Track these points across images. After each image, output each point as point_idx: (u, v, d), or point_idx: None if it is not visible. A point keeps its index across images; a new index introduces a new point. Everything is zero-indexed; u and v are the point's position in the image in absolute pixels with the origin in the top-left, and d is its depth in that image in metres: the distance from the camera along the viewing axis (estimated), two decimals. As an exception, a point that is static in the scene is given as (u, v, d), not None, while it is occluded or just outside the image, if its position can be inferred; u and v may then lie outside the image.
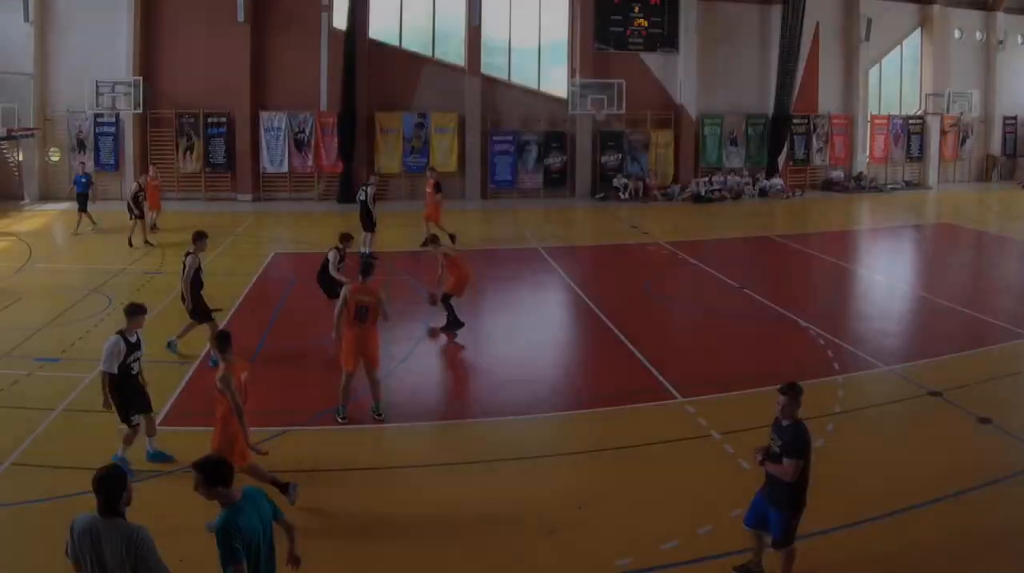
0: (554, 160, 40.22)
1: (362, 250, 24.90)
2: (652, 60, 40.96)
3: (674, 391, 14.51)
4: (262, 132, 38.12)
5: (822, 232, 32.54)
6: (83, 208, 29.50)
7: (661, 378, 15.22)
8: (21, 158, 37.12)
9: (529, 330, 19.12)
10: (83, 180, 30.01)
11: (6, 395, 14.11)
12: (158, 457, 11.80)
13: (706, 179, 40.55)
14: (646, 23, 40.69)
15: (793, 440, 8.45)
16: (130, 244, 26.78)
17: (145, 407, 11.85)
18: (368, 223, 26.04)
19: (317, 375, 15.52)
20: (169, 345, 16.61)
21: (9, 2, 36.18)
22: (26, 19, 36.37)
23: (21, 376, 14.99)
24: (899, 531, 10.11)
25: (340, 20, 37.90)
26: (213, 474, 6.60)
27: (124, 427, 11.64)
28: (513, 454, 12.32)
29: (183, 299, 16.44)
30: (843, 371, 15.69)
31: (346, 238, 19.38)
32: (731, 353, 17.21)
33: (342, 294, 13.54)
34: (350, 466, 11.88)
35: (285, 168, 38.48)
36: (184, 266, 16.25)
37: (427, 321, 18.36)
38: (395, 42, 39.44)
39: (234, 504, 6.60)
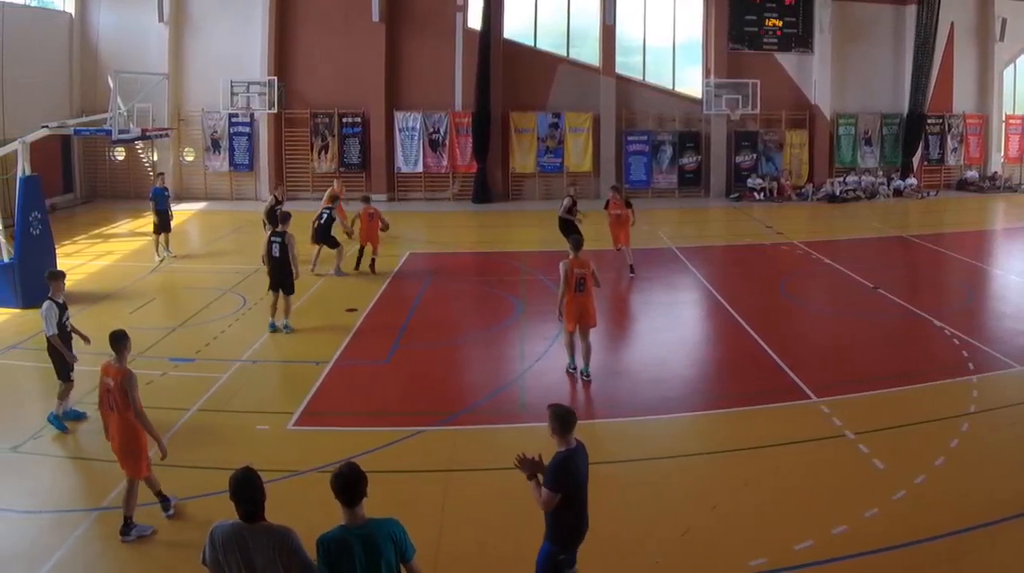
0: (689, 160, 33.83)
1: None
2: (786, 60, 34.32)
3: (809, 391, 12.76)
4: (396, 132, 32.30)
5: (957, 232, 27.82)
6: (166, 228, 22.31)
7: (796, 378, 13.37)
8: (156, 158, 32.13)
9: (663, 330, 16.89)
10: (165, 194, 22.61)
11: (141, 395, 10.85)
12: (57, 424, 11.33)
13: (840, 179, 33.96)
14: (780, 23, 34.11)
15: (550, 468, 6.68)
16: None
17: (70, 365, 11.58)
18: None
19: (452, 375, 14.28)
20: (277, 328, 15.85)
21: (144, 2, 31.23)
22: (161, 19, 31.50)
23: (155, 376, 13.28)
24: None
25: (474, 20, 32.06)
26: (334, 487, 5.42)
27: (60, 383, 11.47)
28: (647, 454, 11.01)
29: (280, 276, 15.79)
30: (978, 371, 13.60)
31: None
32: (866, 353, 14.92)
33: (563, 270, 13.02)
34: (484, 466, 10.34)
35: (420, 168, 32.60)
36: (287, 245, 15.69)
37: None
38: (529, 42, 33.43)
39: (342, 526, 5.46)
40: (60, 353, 11.42)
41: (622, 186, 25.26)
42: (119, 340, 8.99)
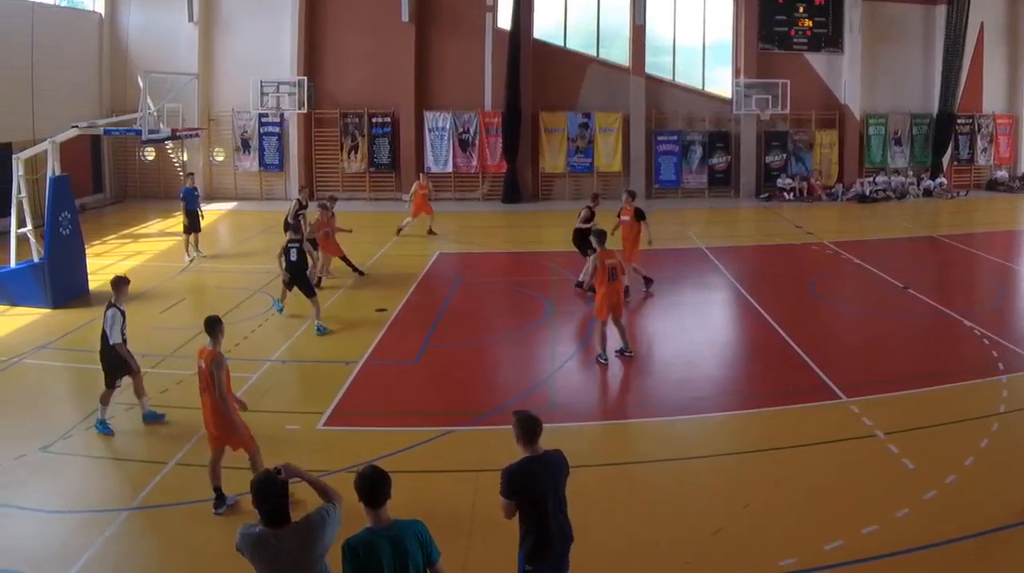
0: (718, 160, 32.25)
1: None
2: (816, 60, 32.70)
3: (839, 391, 12.18)
4: (426, 132, 30.87)
5: (987, 232, 26.69)
6: (196, 228, 21.47)
7: (826, 378, 12.77)
8: (186, 158, 30.81)
9: (693, 330, 16.14)
10: (195, 194, 21.73)
11: (170, 395, 12.06)
12: (152, 417, 11.14)
13: (870, 179, 32.40)
14: (810, 23, 32.53)
15: (502, 474, 6.17)
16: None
17: (135, 369, 11.11)
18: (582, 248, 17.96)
19: (482, 375, 13.68)
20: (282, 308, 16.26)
21: (174, 2, 29.94)
22: (190, 19, 30.14)
23: (185, 376, 12.54)
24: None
25: (504, 20, 30.55)
26: (358, 489, 5.19)
27: (106, 390, 10.99)
28: (677, 454, 10.46)
29: (299, 280, 15.67)
30: (1008, 371, 12.96)
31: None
32: (896, 353, 14.30)
33: (594, 263, 13.37)
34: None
35: (449, 168, 31.13)
36: (306, 252, 15.78)
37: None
38: (559, 42, 31.93)
39: (368, 528, 5.20)
40: (113, 360, 10.93)
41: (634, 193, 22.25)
42: (214, 324, 9.01)
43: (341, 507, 5.49)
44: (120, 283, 11.20)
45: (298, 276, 15.61)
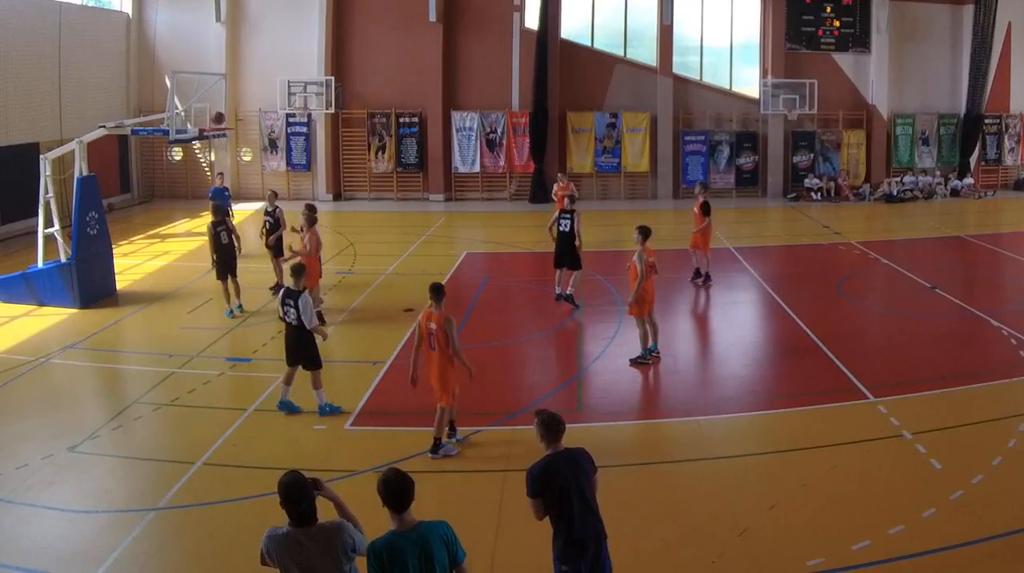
0: (746, 160, 30.71)
1: (558, 291, 16.40)
2: (843, 60, 31.11)
3: (866, 391, 11.64)
4: (454, 132, 29.47)
5: (1014, 232, 25.15)
6: None
7: (853, 378, 12.19)
8: (213, 158, 29.51)
9: (721, 330, 15.99)
10: (226, 194, 20.86)
11: (198, 395, 11.75)
12: (330, 410, 11.04)
13: (898, 179, 30.87)
14: (838, 23, 30.97)
15: (526, 473, 6.05)
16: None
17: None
18: (573, 260, 16.18)
19: (509, 375, 13.07)
20: (234, 313, 15.63)
21: (201, 2, 28.70)
22: (218, 19, 28.86)
23: (212, 376, 12.53)
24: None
25: (532, 20, 29.13)
26: (382, 494, 5.02)
27: (317, 372, 10.97)
28: (704, 453, 10.07)
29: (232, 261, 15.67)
30: None
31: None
32: (923, 353, 13.80)
33: (641, 260, 12.58)
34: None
35: (477, 168, 29.77)
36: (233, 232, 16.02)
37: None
38: (587, 42, 30.46)
39: (393, 532, 5.01)
40: (313, 346, 11.00)
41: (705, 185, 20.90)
42: (439, 290, 9.73)
43: (364, 539, 5.20)
44: (300, 270, 11.18)
45: (234, 257, 15.69)
